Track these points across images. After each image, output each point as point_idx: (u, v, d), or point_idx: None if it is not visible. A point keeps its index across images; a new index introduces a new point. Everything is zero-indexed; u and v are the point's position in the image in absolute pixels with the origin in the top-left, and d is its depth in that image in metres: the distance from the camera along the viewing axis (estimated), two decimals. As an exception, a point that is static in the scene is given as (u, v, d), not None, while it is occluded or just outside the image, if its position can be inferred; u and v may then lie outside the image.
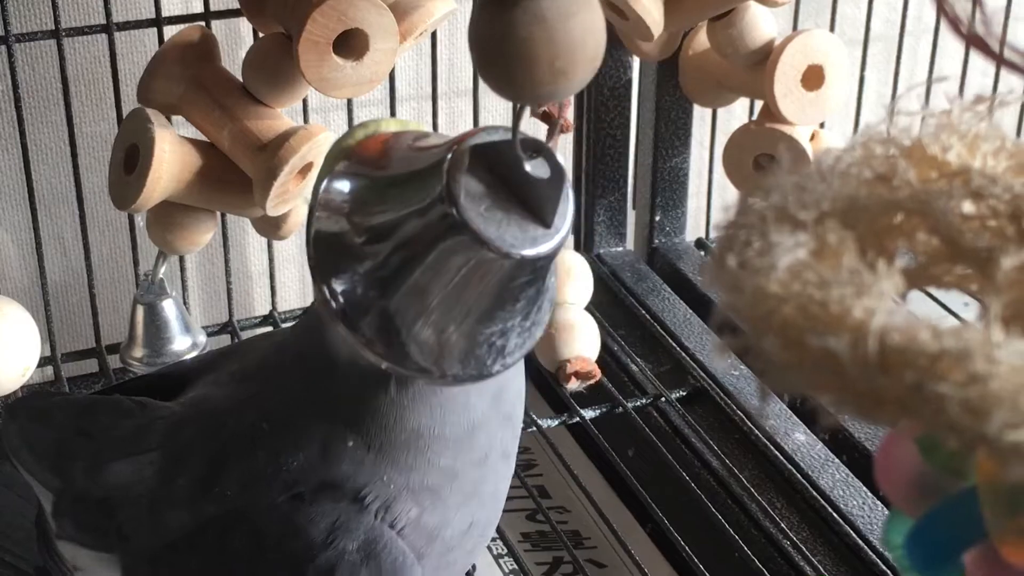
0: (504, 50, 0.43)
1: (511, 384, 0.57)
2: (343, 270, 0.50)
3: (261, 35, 0.77)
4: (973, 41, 0.35)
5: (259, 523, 0.55)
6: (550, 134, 0.82)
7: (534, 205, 0.48)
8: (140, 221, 0.86)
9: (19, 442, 0.62)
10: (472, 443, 0.55)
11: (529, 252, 0.48)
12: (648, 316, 0.98)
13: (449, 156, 0.48)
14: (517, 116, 0.47)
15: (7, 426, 0.63)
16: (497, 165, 0.48)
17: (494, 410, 0.56)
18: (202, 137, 0.76)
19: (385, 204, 0.50)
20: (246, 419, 0.57)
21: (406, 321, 0.50)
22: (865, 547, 0.77)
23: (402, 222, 0.49)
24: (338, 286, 0.50)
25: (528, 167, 0.48)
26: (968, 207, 0.34)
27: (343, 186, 0.51)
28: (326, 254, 0.51)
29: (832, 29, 0.97)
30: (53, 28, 0.79)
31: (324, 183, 0.51)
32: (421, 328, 0.50)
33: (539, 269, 0.49)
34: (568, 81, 0.44)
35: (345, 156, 0.52)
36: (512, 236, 0.48)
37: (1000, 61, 0.36)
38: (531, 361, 0.88)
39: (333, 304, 0.50)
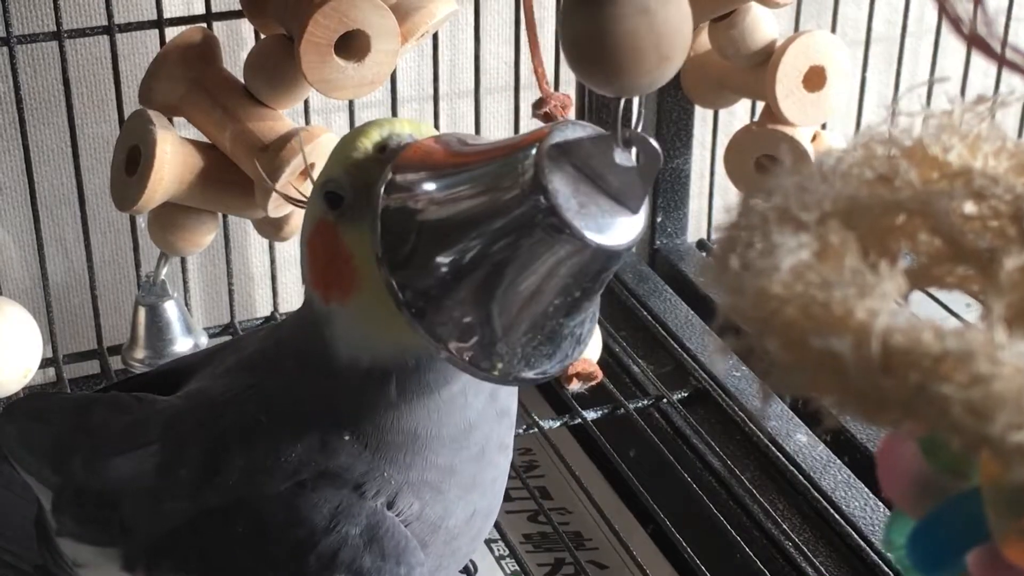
0: (608, 44, 0.43)
1: None
2: (421, 268, 0.50)
3: (263, 36, 0.77)
4: (974, 42, 0.35)
5: (261, 511, 0.55)
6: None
7: (620, 193, 0.48)
8: (142, 222, 0.86)
9: (17, 442, 0.63)
10: (468, 441, 0.56)
11: (623, 243, 0.48)
12: (650, 317, 0.98)
13: (535, 151, 0.48)
14: (622, 108, 0.47)
15: (4, 427, 0.64)
16: (580, 158, 0.48)
17: (490, 408, 0.56)
18: (204, 138, 0.76)
19: (466, 200, 0.49)
20: (245, 409, 0.57)
21: (497, 324, 0.50)
22: (867, 548, 0.77)
23: (487, 217, 0.49)
24: (416, 284, 0.50)
25: (619, 158, 0.48)
26: (970, 208, 0.34)
27: (414, 182, 0.50)
28: (397, 247, 0.50)
29: (834, 30, 0.97)
30: (55, 30, 0.79)
31: (388, 179, 0.50)
32: (510, 328, 0.50)
33: (623, 257, 0.50)
34: (670, 65, 0.44)
35: (374, 156, 0.52)
36: (607, 228, 0.48)
37: (1001, 61, 0.36)
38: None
39: (407, 303, 0.50)
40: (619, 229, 0.48)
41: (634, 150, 0.48)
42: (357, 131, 0.53)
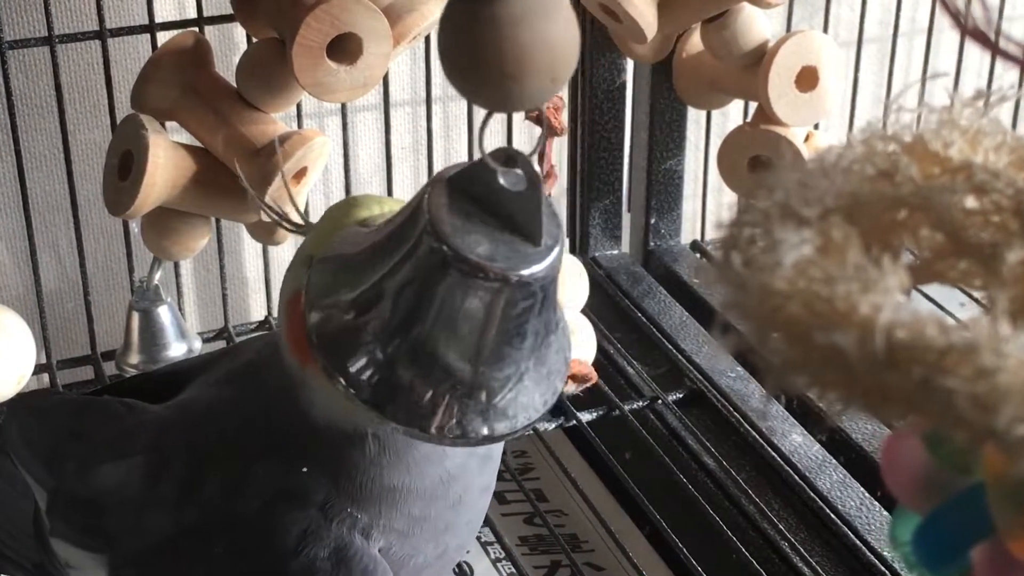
0: (501, 53, 0.42)
1: None
2: (350, 354, 0.49)
3: (255, 40, 0.77)
4: (972, 34, 0.35)
5: (236, 532, 0.56)
6: (542, 137, 0.82)
7: (520, 225, 0.47)
8: (135, 227, 0.86)
9: (18, 439, 0.63)
10: (447, 491, 0.56)
11: (523, 272, 0.46)
12: (644, 319, 0.98)
13: (426, 193, 0.47)
14: (484, 123, 0.46)
15: (8, 423, 0.64)
16: (478, 192, 0.47)
17: (471, 458, 0.56)
18: (196, 143, 0.76)
19: (369, 269, 0.49)
20: (222, 425, 0.57)
21: (425, 384, 0.48)
22: (863, 547, 0.77)
23: (390, 276, 0.48)
24: (354, 373, 0.49)
25: (503, 181, 0.46)
26: (971, 202, 0.34)
27: (324, 277, 0.50)
28: (332, 349, 0.49)
29: (826, 30, 0.97)
30: (46, 35, 0.79)
31: (305, 284, 0.50)
32: (438, 387, 0.48)
33: (538, 294, 0.47)
34: (557, 84, 0.43)
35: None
36: (503, 257, 0.46)
37: (996, 51, 0.36)
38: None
39: (356, 393, 0.49)
40: (522, 258, 0.46)
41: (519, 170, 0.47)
42: (343, 209, 0.53)
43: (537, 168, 0.47)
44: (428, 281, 0.47)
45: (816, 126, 0.91)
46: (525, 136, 1.00)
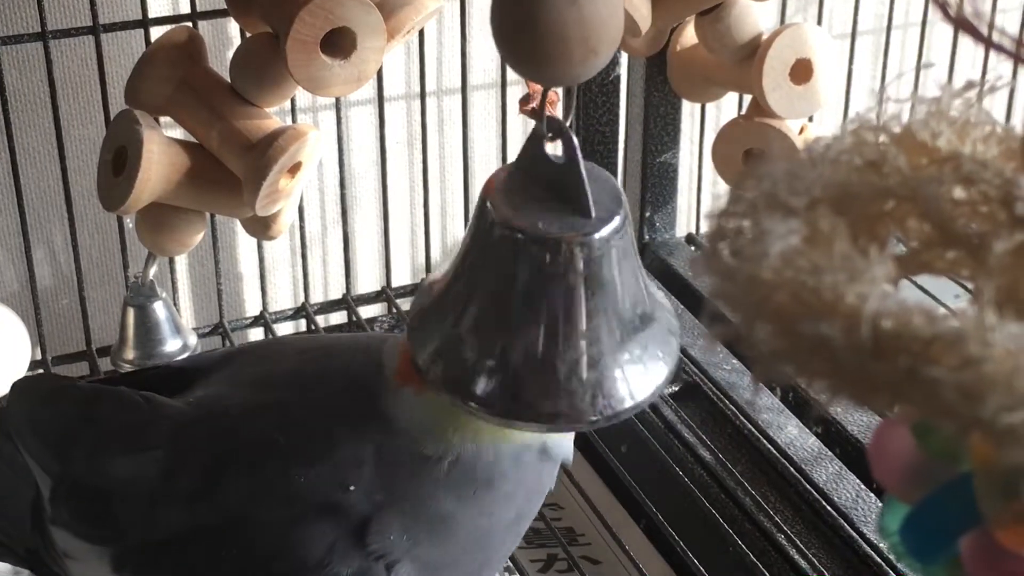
0: (536, 32, 0.43)
1: (542, 492, 0.57)
2: (469, 379, 0.49)
3: (248, 35, 0.77)
4: (961, 24, 0.35)
5: (255, 536, 0.55)
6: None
7: (571, 197, 0.48)
8: (129, 223, 0.86)
9: (24, 422, 0.62)
10: (487, 542, 0.56)
11: (567, 234, 0.47)
12: (639, 312, 0.98)
13: (485, 195, 0.48)
14: (543, 98, 0.47)
15: (13, 405, 0.63)
16: (534, 173, 0.48)
17: (511, 529, 0.57)
18: (191, 138, 0.76)
19: (452, 297, 0.50)
20: (261, 426, 0.56)
21: (538, 374, 0.48)
22: (859, 539, 0.77)
23: (470, 285, 0.49)
24: (480, 395, 0.49)
25: (552, 156, 0.48)
26: (959, 193, 0.34)
27: (419, 335, 0.51)
28: (452, 383, 0.50)
29: (820, 23, 0.97)
30: (39, 30, 0.79)
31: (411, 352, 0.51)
32: (549, 374, 0.48)
33: (595, 261, 0.48)
34: (596, 59, 0.44)
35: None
36: (552, 225, 0.47)
37: (988, 44, 0.36)
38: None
39: (488, 410, 0.49)
40: (569, 225, 0.47)
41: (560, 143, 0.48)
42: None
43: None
44: (504, 271, 0.48)
45: (811, 119, 0.91)
46: (519, 131, 1.00)
